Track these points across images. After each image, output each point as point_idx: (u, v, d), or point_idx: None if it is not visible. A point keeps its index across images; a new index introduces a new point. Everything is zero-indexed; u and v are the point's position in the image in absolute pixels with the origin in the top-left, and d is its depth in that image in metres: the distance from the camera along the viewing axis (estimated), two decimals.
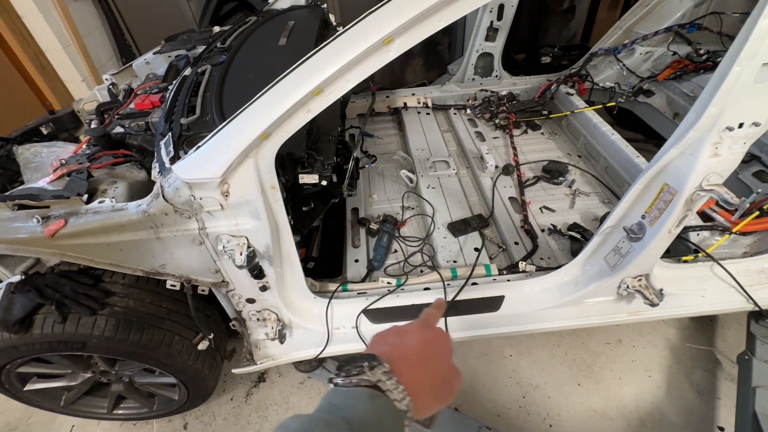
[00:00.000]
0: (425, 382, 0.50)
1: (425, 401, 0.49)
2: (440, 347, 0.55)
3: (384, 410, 0.45)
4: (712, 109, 0.92)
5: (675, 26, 2.29)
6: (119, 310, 1.19)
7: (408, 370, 0.49)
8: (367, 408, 0.44)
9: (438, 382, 0.52)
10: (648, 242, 1.16)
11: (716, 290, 1.43)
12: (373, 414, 0.43)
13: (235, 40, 1.72)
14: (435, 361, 0.53)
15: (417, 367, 0.51)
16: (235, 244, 1.05)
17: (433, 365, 0.52)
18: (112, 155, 1.32)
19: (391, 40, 0.83)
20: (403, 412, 0.46)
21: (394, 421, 0.45)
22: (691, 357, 1.76)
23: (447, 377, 0.53)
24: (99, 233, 1.03)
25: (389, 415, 0.45)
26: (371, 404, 0.44)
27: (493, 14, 2.30)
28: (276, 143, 0.94)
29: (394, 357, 0.50)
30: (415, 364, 0.51)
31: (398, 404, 0.46)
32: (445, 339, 0.57)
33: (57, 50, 2.87)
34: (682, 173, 1.03)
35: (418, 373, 0.50)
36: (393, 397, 0.46)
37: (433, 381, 0.51)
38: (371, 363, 0.48)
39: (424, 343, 0.54)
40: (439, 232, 1.67)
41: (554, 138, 2.27)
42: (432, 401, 0.51)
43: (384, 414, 0.44)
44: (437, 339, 0.56)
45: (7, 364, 1.25)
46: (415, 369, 0.50)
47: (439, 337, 0.56)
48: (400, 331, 0.56)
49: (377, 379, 0.46)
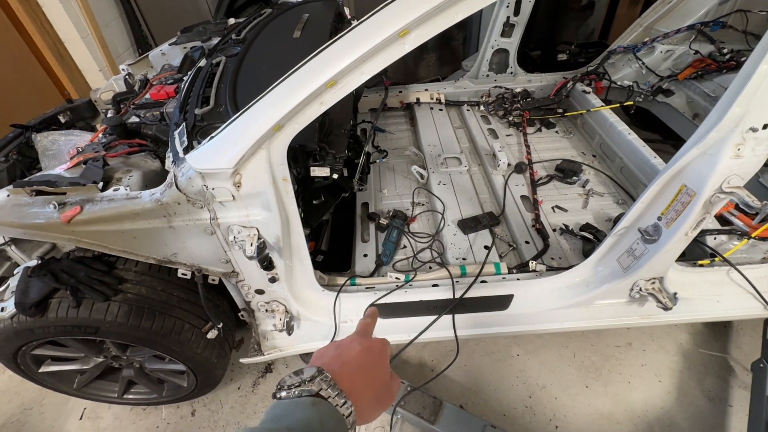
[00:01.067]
0: (365, 387, 0.53)
1: (366, 405, 0.52)
2: (377, 354, 0.58)
3: (326, 415, 0.46)
4: (736, 109, 0.90)
5: (698, 24, 2.22)
6: (132, 296, 1.21)
7: (347, 378, 0.52)
8: (309, 414, 0.45)
9: (377, 386, 0.55)
10: (663, 244, 1.13)
11: (732, 296, 1.40)
12: (316, 419, 0.45)
13: (249, 32, 1.73)
14: (373, 367, 0.56)
15: (356, 373, 0.54)
16: (246, 234, 1.06)
17: (371, 371, 0.55)
18: (128, 144, 1.33)
19: (407, 32, 0.82)
20: (344, 416, 0.48)
21: (337, 424, 0.47)
22: (704, 363, 1.73)
23: (385, 382, 0.57)
24: (113, 220, 1.05)
25: (332, 419, 0.47)
26: (313, 410, 0.46)
27: (510, 9, 2.26)
28: (289, 135, 0.94)
29: (335, 367, 0.53)
30: (354, 370, 0.54)
31: (340, 409, 0.48)
32: (381, 345, 0.60)
33: (75, 40, 2.92)
34: (701, 175, 1.01)
35: (357, 379, 0.53)
36: (334, 403, 0.48)
37: (373, 386, 0.54)
38: (312, 374, 0.50)
39: (362, 352, 0.57)
40: (449, 229, 1.66)
41: (569, 137, 2.23)
42: (373, 405, 0.54)
43: (326, 418, 0.46)
44: (374, 346, 0.59)
45: (23, 345, 1.28)
46: (355, 376, 0.53)
47: (377, 344, 0.59)
48: (339, 345, 0.59)
49: (319, 388, 0.48)
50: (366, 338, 0.61)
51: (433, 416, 1.44)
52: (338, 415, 0.48)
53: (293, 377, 0.50)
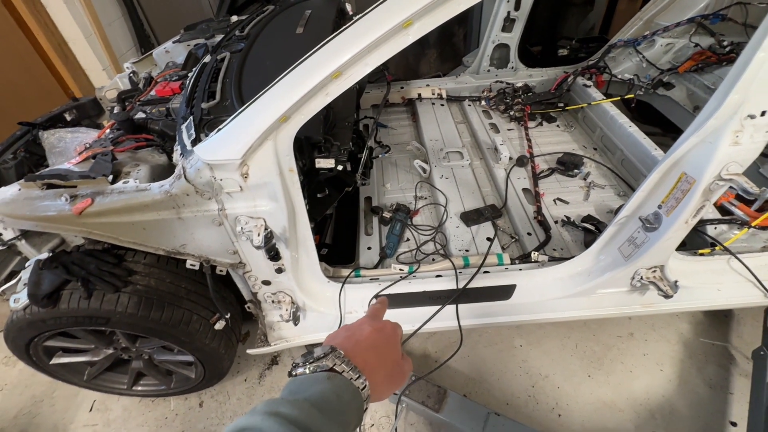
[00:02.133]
0: (377, 365, 0.55)
1: (380, 382, 0.54)
2: (389, 335, 0.60)
3: (342, 387, 0.48)
4: (734, 96, 0.91)
5: (698, 17, 2.23)
6: (141, 288, 1.24)
7: (360, 355, 0.54)
8: (325, 387, 0.47)
9: (389, 365, 0.57)
10: (664, 232, 1.15)
11: (733, 284, 1.41)
12: (332, 391, 0.47)
13: (253, 29, 1.75)
14: (385, 347, 0.58)
15: (368, 351, 0.56)
16: (253, 225, 1.08)
17: (383, 350, 0.57)
18: (135, 139, 1.35)
19: (411, 23, 0.84)
20: (359, 389, 0.50)
21: (352, 397, 0.49)
22: (705, 352, 1.75)
23: (397, 361, 0.59)
24: (123, 212, 1.07)
25: (347, 391, 0.48)
26: (329, 383, 0.48)
27: (511, 4, 2.27)
28: (295, 126, 0.96)
29: (348, 346, 0.55)
30: (366, 349, 0.56)
31: (355, 382, 0.50)
32: (393, 328, 0.62)
33: (79, 40, 2.94)
34: (700, 162, 1.02)
35: (369, 357, 0.55)
36: (349, 377, 0.50)
37: (385, 364, 0.56)
38: (325, 351, 0.52)
39: (373, 332, 0.59)
40: (451, 222, 1.67)
41: (570, 130, 2.25)
42: (386, 383, 0.56)
43: (342, 390, 0.48)
44: (385, 328, 0.61)
45: (35, 337, 1.31)
46: (367, 354, 0.55)
47: (388, 326, 0.61)
48: (350, 327, 0.61)
49: (333, 363, 0.51)
50: (377, 321, 0.62)
51: (437, 405, 1.46)
52: (353, 387, 0.49)
53: (307, 356, 0.52)
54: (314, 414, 0.44)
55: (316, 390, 0.47)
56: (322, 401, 0.46)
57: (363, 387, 0.51)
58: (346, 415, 0.47)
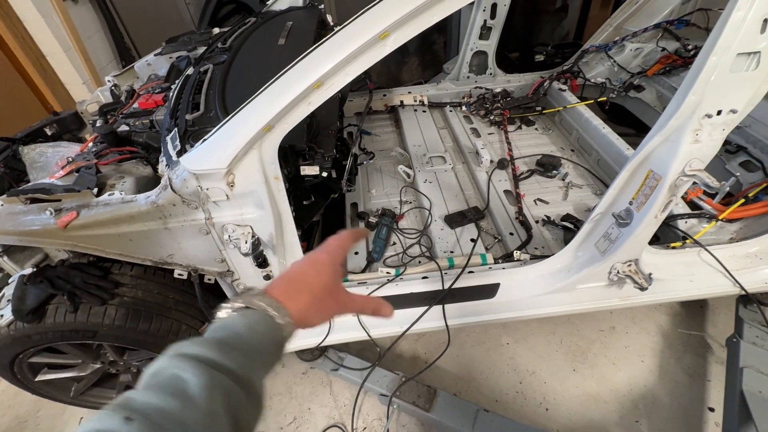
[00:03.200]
0: (299, 292, 0.54)
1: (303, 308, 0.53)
2: (319, 263, 0.59)
3: (255, 320, 0.48)
4: (692, 97, 0.98)
5: (664, 23, 2.34)
6: (128, 300, 1.24)
7: (280, 288, 0.54)
8: (237, 323, 0.47)
9: (316, 292, 0.55)
10: (636, 227, 1.21)
11: (704, 275, 1.48)
12: (245, 325, 0.47)
13: (235, 41, 1.77)
14: (312, 275, 0.57)
15: (290, 283, 0.55)
16: (240, 233, 1.10)
17: (308, 278, 0.56)
18: (119, 152, 1.36)
19: (387, 35, 0.88)
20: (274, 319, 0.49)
21: (267, 328, 0.48)
22: (683, 342, 1.82)
23: (327, 288, 0.57)
24: (110, 224, 1.08)
25: (261, 323, 0.48)
26: (242, 319, 0.48)
27: (487, 13, 2.35)
28: (279, 135, 0.99)
29: (272, 283, 0.55)
30: (289, 281, 0.55)
31: (270, 312, 0.49)
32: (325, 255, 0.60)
33: (58, 54, 2.92)
34: (665, 160, 1.08)
35: (290, 287, 0.54)
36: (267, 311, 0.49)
37: (310, 291, 0.55)
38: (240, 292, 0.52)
39: (303, 264, 0.59)
40: (436, 225, 1.71)
41: (548, 133, 2.32)
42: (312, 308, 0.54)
43: (255, 323, 0.48)
44: (317, 257, 0.59)
45: (20, 353, 1.29)
46: (288, 285, 0.55)
47: (320, 255, 0.60)
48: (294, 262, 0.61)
49: (246, 302, 0.50)
50: (314, 252, 0.61)
51: (428, 404, 1.48)
52: (268, 319, 0.49)
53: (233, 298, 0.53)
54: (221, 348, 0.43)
55: (229, 328, 0.47)
56: (232, 336, 0.46)
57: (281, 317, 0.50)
58: (262, 345, 0.47)
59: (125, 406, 0.37)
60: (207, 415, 0.38)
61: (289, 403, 1.74)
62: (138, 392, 0.39)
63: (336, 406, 1.71)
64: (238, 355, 0.44)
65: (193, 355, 0.42)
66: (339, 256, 0.61)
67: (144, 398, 0.38)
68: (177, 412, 0.37)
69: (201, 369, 0.40)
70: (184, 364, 0.41)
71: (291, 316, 0.51)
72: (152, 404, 0.37)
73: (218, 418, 0.39)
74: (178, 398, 0.38)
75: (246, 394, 0.43)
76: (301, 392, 1.77)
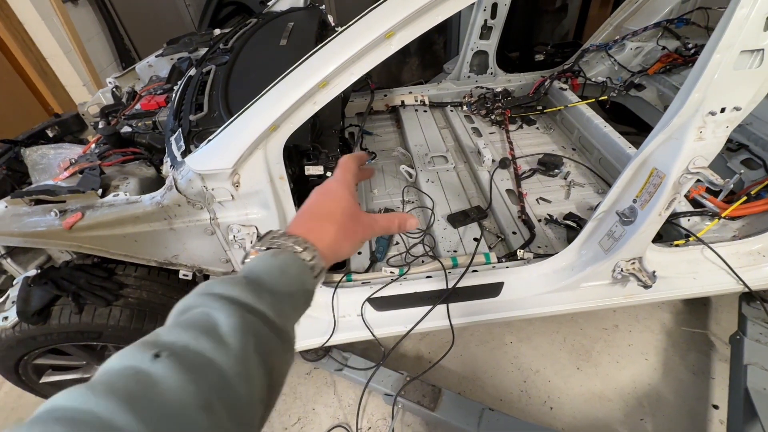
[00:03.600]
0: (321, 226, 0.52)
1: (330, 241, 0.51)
2: (332, 192, 0.57)
3: (287, 262, 0.47)
4: (696, 95, 0.98)
5: (664, 22, 2.35)
6: (133, 301, 1.24)
7: (301, 225, 0.52)
8: (268, 264, 0.46)
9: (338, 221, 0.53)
10: (639, 225, 1.21)
11: (707, 273, 1.48)
12: (276, 267, 0.46)
13: (237, 42, 1.77)
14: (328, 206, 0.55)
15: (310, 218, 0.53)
16: (246, 233, 1.10)
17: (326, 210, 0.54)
18: (122, 153, 1.36)
19: (393, 34, 0.88)
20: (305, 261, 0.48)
21: (299, 270, 0.47)
22: (686, 340, 1.82)
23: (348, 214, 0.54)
24: (115, 225, 1.08)
25: (293, 266, 0.47)
26: (273, 260, 0.46)
27: (487, 13, 2.36)
28: (284, 134, 0.99)
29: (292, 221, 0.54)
30: (308, 217, 0.54)
31: (300, 254, 0.48)
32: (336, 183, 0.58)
33: (58, 56, 2.92)
34: (669, 158, 1.09)
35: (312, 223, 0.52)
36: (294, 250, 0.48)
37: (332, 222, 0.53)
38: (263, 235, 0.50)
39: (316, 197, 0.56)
40: (439, 224, 1.71)
41: (549, 132, 2.33)
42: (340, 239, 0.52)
43: (287, 265, 0.46)
44: (329, 187, 0.57)
45: (25, 355, 1.29)
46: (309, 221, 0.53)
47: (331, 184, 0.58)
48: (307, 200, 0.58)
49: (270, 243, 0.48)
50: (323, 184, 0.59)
51: (432, 403, 1.48)
52: (299, 261, 0.47)
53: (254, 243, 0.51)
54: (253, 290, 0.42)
55: (260, 269, 0.45)
56: (264, 278, 0.44)
57: (311, 257, 0.48)
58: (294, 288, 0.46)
59: (154, 342, 0.35)
60: (239, 357, 0.36)
61: (294, 404, 1.73)
62: (166, 329, 0.37)
63: (340, 406, 1.71)
64: (271, 299, 0.42)
65: (225, 295, 0.40)
66: (350, 180, 0.59)
67: (172, 335, 0.36)
68: (207, 351, 0.35)
69: (233, 309, 0.39)
70: (214, 302, 0.39)
71: (320, 251, 0.49)
72: (181, 341, 0.35)
73: (251, 362, 0.37)
74: (209, 337, 0.36)
75: (278, 338, 0.41)
76: (306, 392, 1.77)
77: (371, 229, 0.57)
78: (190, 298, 0.41)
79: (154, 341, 0.35)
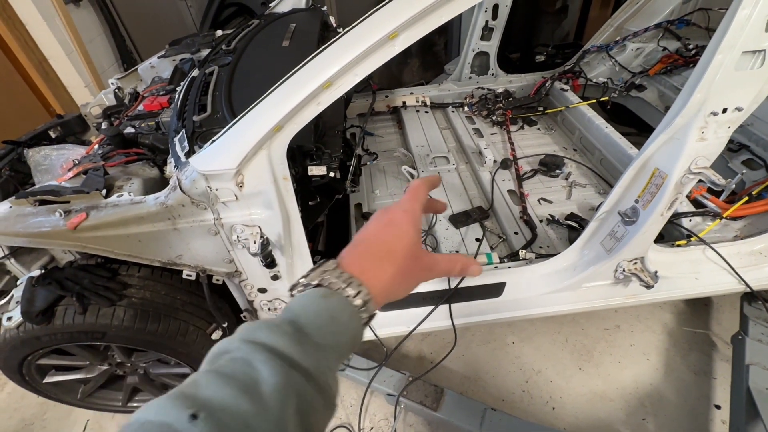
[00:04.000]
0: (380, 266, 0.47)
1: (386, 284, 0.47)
2: (397, 225, 0.51)
3: (338, 308, 0.43)
4: (697, 95, 0.98)
5: (664, 23, 2.36)
6: (137, 301, 1.24)
7: (357, 262, 0.47)
8: (318, 308, 0.43)
9: (399, 260, 0.48)
10: (642, 225, 1.21)
11: (709, 273, 1.49)
12: (325, 312, 0.43)
13: (239, 43, 1.78)
14: (390, 242, 0.49)
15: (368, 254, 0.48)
16: (249, 233, 1.10)
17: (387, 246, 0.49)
18: (125, 154, 1.37)
19: (396, 35, 0.89)
20: (357, 308, 0.44)
21: (350, 317, 0.44)
22: (688, 340, 1.82)
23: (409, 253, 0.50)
24: (119, 225, 1.08)
25: (344, 312, 0.43)
26: (323, 303, 0.43)
27: (488, 14, 2.36)
28: (288, 135, 0.99)
29: (345, 253, 0.49)
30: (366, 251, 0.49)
31: (353, 300, 0.44)
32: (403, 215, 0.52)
33: (60, 57, 2.92)
34: (671, 158, 1.09)
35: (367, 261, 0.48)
36: (346, 294, 0.44)
37: (391, 261, 0.48)
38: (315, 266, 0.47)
39: (377, 228, 0.51)
40: (441, 225, 1.72)
41: (550, 133, 2.33)
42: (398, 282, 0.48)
43: (338, 312, 0.43)
44: (394, 219, 0.51)
45: (28, 355, 1.29)
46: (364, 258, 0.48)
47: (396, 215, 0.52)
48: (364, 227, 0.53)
49: (320, 278, 0.45)
50: (388, 212, 0.53)
51: (435, 404, 1.49)
52: (351, 307, 0.44)
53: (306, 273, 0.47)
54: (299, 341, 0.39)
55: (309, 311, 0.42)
56: (311, 324, 0.41)
57: (363, 302, 0.45)
58: (342, 337, 0.43)
59: (192, 397, 0.33)
60: (279, 422, 0.35)
61: None
62: (206, 376, 0.36)
63: (343, 407, 1.71)
64: (316, 352, 0.40)
65: (270, 346, 0.38)
66: (418, 211, 0.53)
67: (212, 389, 0.34)
68: (247, 414, 0.33)
69: (276, 365, 0.37)
70: (259, 354, 0.37)
71: (373, 297, 0.45)
72: (220, 399, 0.34)
73: (290, 426, 0.35)
74: (250, 397, 0.34)
75: (320, 396, 0.39)
76: None
77: (431, 272, 0.53)
78: (233, 342, 0.39)
79: (192, 395, 0.34)
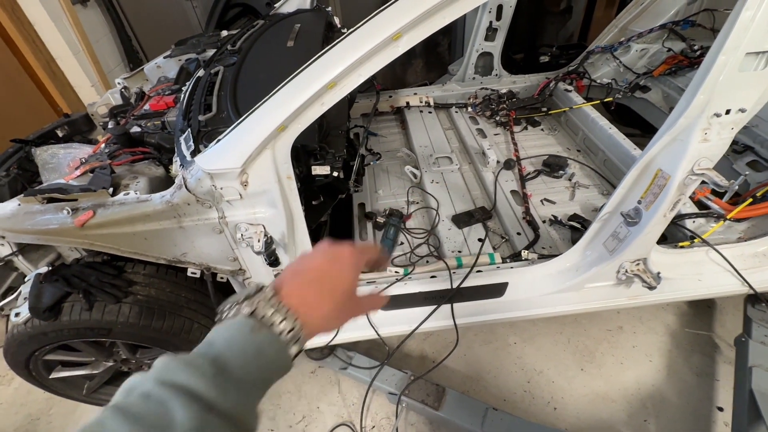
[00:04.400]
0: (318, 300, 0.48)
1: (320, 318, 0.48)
2: (343, 263, 0.52)
3: (265, 342, 0.43)
4: (701, 96, 0.98)
5: (669, 23, 2.35)
6: (142, 298, 1.26)
7: (296, 293, 0.47)
8: (245, 343, 0.42)
9: (338, 298, 0.49)
10: (644, 226, 1.21)
11: (712, 274, 1.48)
12: (251, 347, 0.42)
13: (244, 43, 1.79)
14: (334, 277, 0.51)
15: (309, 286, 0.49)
16: (253, 232, 1.12)
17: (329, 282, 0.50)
18: (131, 153, 1.38)
19: (400, 36, 0.89)
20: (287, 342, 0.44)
21: (277, 353, 0.43)
22: (690, 342, 1.82)
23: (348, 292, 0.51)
24: (125, 223, 1.09)
25: (271, 348, 0.43)
26: (250, 338, 0.42)
27: (492, 14, 2.37)
28: (292, 135, 1.00)
29: (285, 282, 0.49)
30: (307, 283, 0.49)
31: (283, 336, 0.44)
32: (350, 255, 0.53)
33: (67, 57, 2.95)
34: (674, 159, 1.09)
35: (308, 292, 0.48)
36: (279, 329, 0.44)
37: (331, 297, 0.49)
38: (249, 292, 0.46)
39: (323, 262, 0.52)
40: (443, 225, 1.72)
41: (554, 133, 2.33)
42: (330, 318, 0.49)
43: (264, 347, 0.43)
44: (341, 255, 0.52)
45: (36, 350, 1.31)
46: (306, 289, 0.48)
47: (344, 253, 0.53)
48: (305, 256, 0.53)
49: (253, 308, 0.44)
50: (336, 247, 0.54)
51: (436, 403, 1.49)
52: (279, 344, 0.44)
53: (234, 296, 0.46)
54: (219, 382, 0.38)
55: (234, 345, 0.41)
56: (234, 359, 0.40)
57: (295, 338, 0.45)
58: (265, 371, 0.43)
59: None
60: None
61: (298, 402, 1.75)
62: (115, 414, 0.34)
63: (344, 405, 1.72)
64: (237, 392, 0.39)
65: (188, 388, 0.37)
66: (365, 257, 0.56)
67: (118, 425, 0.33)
68: None
69: (192, 409, 0.35)
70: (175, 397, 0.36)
71: (306, 332, 0.46)
72: None
73: None
74: None
75: None
76: (310, 391, 1.78)
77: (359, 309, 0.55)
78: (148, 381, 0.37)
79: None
